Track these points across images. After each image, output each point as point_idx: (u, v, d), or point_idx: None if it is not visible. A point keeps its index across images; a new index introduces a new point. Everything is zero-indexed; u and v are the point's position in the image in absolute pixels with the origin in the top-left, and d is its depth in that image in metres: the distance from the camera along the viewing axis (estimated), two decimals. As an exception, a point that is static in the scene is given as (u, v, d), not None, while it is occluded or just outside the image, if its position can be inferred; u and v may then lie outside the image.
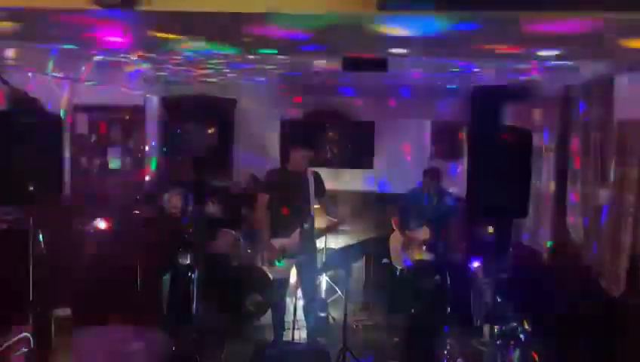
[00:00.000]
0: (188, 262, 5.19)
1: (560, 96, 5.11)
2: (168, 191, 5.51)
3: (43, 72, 5.05)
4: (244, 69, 5.99)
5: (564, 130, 5.03)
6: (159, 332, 4.51)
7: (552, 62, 4.27)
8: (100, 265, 5.18)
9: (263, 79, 6.94)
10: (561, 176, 5.11)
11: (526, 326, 4.48)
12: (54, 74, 5.14)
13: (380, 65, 3.90)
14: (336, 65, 4.26)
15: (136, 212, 5.99)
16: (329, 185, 5.33)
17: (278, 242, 4.95)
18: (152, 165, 7.54)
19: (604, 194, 4.29)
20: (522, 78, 5.62)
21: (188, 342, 4.91)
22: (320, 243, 5.75)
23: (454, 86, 6.79)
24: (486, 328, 4.59)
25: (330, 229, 5.41)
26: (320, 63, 4.77)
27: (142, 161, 7.42)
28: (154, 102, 7.60)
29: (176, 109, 7.58)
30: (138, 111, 7.52)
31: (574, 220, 4.88)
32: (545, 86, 5.49)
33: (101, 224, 5.77)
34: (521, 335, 4.44)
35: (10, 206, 4.25)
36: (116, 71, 6.09)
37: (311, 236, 4.95)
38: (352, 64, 3.89)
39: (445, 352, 5.09)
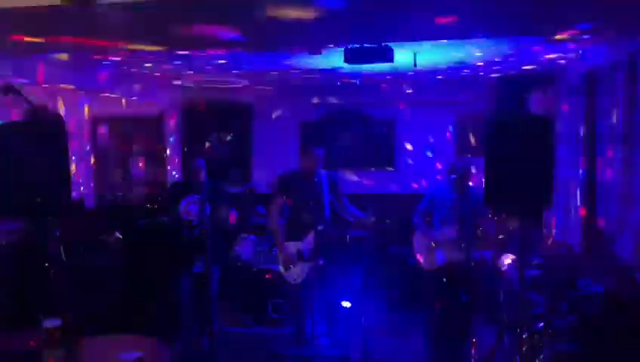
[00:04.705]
0: (206, 268, 5.09)
1: (585, 79, 4.84)
2: (187, 197, 5.42)
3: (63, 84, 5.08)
4: (258, 73, 5.91)
5: (591, 115, 4.76)
6: (174, 340, 4.43)
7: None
8: (115, 275, 5.15)
9: (276, 82, 6.84)
10: (590, 164, 4.82)
11: (559, 324, 4.24)
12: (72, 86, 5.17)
13: (386, 55, 3.63)
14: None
15: (155, 219, 5.96)
16: (350, 186, 5.17)
17: (292, 245, 4.82)
18: (172, 172, 7.53)
19: (635, 181, 4.02)
20: (546, 63, 5.35)
21: (204, 349, 4.82)
22: (338, 243, 5.57)
23: (476, 75, 6.54)
24: (516, 326, 4.37)
25: (348, 230, 5.21)
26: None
27: (163, 169, 7.42)
28: (173, 109, 7.59)
29: (194, 116, 7.56)
30: (157, 120, 7.55)
31: (606, 211, 4.60)
32: (568, 70, 5.21)
33: (119, 234, 5.76)
34: (553, 334, 4.22)
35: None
36: (132, 79, 6.09)
37: (327, 238, 4.79)
38: (355, 55, 3.62)
39: (473, 352, 4.89)
